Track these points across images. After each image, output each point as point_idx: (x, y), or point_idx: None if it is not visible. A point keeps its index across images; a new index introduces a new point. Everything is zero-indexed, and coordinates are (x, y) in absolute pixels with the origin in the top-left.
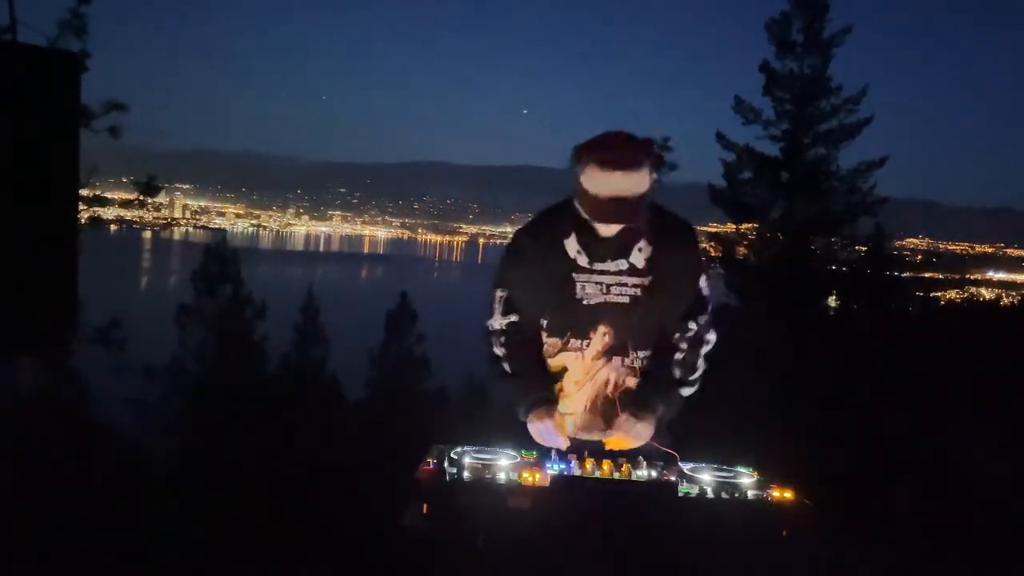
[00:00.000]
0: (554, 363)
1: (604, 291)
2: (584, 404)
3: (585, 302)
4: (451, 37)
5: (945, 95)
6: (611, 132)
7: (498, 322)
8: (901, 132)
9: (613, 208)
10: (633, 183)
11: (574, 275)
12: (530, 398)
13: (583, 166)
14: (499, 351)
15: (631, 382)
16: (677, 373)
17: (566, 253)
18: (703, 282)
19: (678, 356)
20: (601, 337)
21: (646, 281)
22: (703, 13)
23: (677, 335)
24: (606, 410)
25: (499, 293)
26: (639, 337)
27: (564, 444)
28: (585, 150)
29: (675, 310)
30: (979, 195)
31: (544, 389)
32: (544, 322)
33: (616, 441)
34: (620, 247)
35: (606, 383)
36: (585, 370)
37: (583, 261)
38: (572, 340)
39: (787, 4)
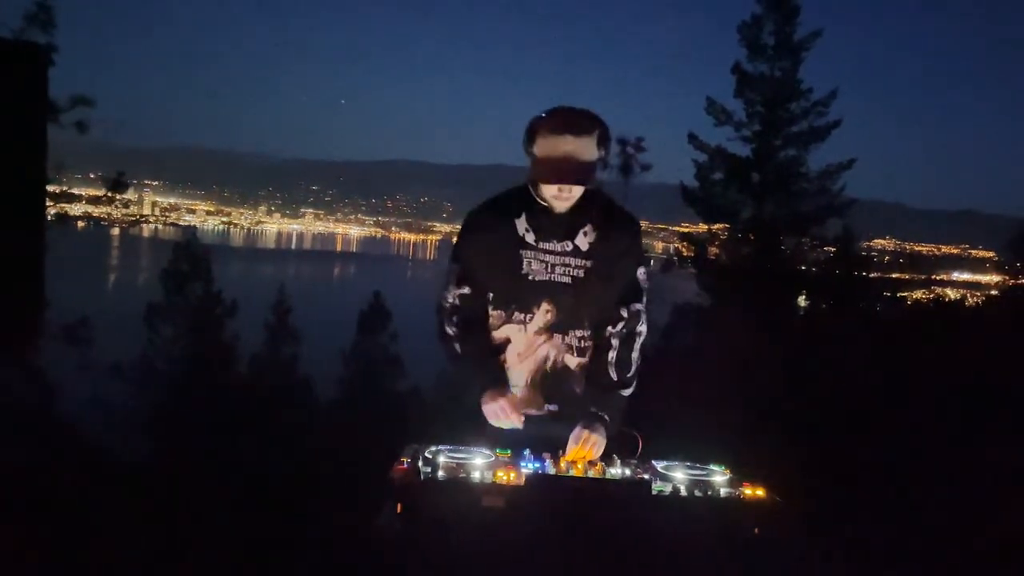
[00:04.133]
0: (498, 335)
1: (548, 270)
2: (526, 379)
3: (531, 278)
4: (425, 36)
5: (911, 100)
6: (560, 106)
7: (451, 294)
8: (869, 135)
9: (563, 166)
10: (582, 146)
11: (521, 252)
12: (481, 380)
13: (536, 137)
14: (451, 330)
15: (570, 360)
16: (614, 375)
17: (515, 231)
18: (641, 273)
19: (611, 356)
20: (544, 314)
21: (588, 263)
22: (677, 15)
23: (610, 328)
24: (545, 385)
25: (454, 266)
26: (579, 317)
27: (519, 422)
28: (536, 121)
29: (613, 295)
30: (945, 198)
31: (494, 370)
32: (491, 295)
33: (575, 453)
34: (567, 228)
35: (545, 359)
36: (527, 343)
37: (531, 239)
38: (516, 313)
39: (759, 7)
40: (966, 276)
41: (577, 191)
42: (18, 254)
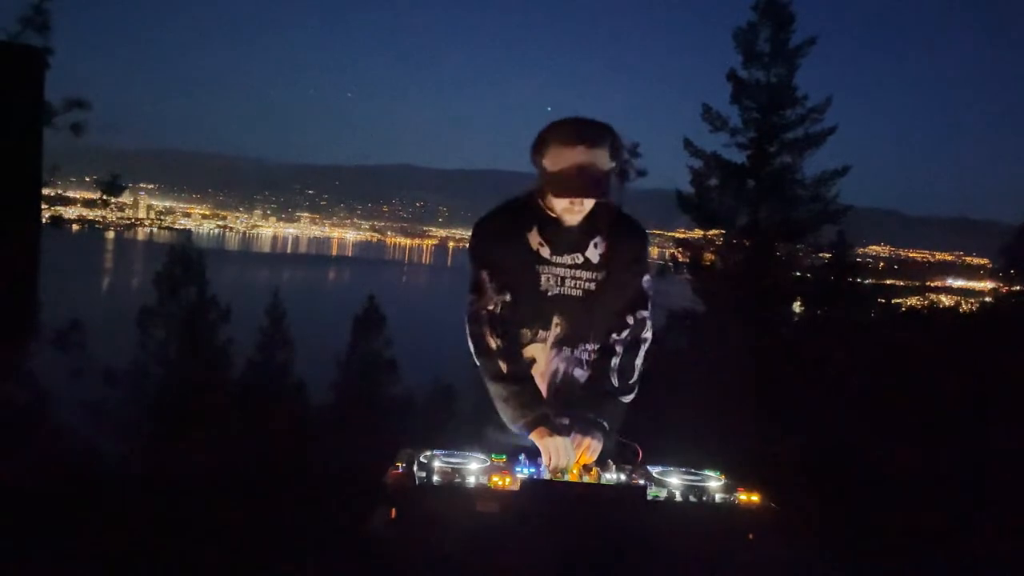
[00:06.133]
0: (526, 354)
1: (559, 283)
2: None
3: (548, 293)
4: (421, 41)
5: (906, 107)
6: (569, 116)
7: (492, 301)
8: (864, 142)
9: (577, 179)
10: (595, 157)
11: (537, 267)
12: (531, 413)
13: (546, 149)
14: (494, 343)
15: (579, 374)
16: (615, 381)
17: (529, 245)
18: (646, 280)
19: (614, 362)
20: (554, 328)
21: (599, 276)
22: (673, 21)
23: (615, 335)
24: (556, 400)
25: (483, 272)
26: (588, 330)
27: (571, 464)
28: (546, 132)
29: (621, 305)
30: (939, 205)
31: (543, 402)
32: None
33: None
34: (577, 241)
35: (555, 373)
36: (547, 362)
37: (545, 253)
38: (540, 331)
39: (754, 14)
40: (960, 283)
41: (589, 204)
42: (13, 257)
